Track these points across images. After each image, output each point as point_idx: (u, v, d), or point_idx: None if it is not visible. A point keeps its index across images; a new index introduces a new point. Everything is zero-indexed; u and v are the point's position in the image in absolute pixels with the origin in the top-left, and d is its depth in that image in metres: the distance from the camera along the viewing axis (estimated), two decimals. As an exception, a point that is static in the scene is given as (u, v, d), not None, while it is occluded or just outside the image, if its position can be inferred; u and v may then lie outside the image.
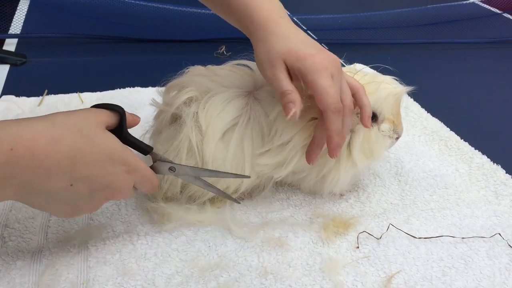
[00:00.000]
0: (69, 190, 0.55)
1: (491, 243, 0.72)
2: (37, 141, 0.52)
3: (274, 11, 0.71)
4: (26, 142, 0.51)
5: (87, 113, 0.58)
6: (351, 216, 0.76)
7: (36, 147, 0.51)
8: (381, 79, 0.76)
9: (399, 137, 0.77)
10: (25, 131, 0.52)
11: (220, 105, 0.73)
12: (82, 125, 0.56)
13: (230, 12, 0.75)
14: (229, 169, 0.72)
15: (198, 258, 0.67)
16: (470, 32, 1.68)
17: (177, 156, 0.72)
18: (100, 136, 0.57)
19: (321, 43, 1.51)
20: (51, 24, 1.49)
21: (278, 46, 0.67)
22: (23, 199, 0.55)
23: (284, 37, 0.68)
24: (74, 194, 0.56)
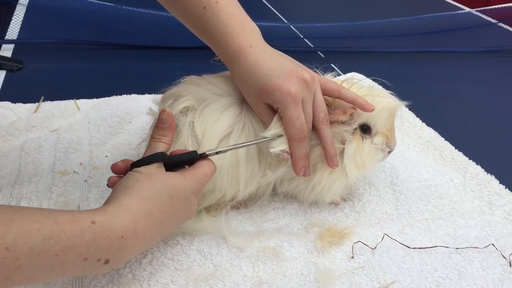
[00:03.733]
0: (160, 239, 0.63)
1: (484, 253, 0.72)
2: (138, 223, 0.57)
3: (244, 39, 0.74)
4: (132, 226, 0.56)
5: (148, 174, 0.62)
6: (346, 226, 0.77)
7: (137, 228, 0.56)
8: (376, 92, 0.76)
9: (391, 151, 0.78)
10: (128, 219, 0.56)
11: (215, 114, 0.74)
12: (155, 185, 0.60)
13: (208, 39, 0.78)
14: (224, 177, 0.73)
15: (193, 268, 0.67)
16: (465, 41, 1.69)
17: None
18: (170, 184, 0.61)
19: (317, 51, 1.52)
20: (47, 30, 1.49)
21: (252, 86, 0.72)
22: None
23: (254, 71, 0.71)
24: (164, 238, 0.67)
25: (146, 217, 0.58)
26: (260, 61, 0.72)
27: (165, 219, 0.60)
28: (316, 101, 0.72)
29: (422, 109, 1.13)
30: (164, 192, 0.60)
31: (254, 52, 0.73)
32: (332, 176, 0.74)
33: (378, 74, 1.27)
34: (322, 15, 1.94)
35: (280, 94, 0.69)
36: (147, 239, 0.58)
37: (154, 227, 0.59)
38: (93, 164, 0.88)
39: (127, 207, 0.57)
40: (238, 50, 0.73)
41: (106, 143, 0.95)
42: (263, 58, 0.72)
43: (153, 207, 0.59)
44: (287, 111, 0.70)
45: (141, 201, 0.58)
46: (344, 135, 0.74)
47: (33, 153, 0.89)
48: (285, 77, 0.70)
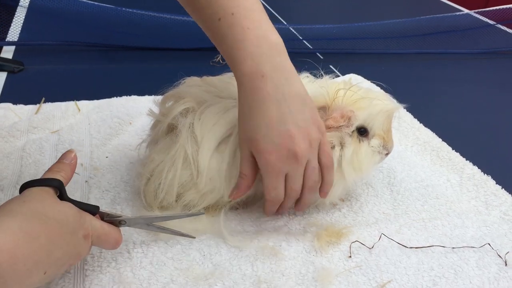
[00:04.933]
0: (45, 277, 0.54)
1: (480, 253, 0.73)
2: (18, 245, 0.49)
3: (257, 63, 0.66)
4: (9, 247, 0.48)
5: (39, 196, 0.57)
6: (344, 226, 0.77)
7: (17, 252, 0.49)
8: (374, 95, 0.77)
9: (388, 153, 0.79)
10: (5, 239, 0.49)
11: (215, 116, 0.74)
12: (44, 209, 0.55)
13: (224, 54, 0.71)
14: (222, 178, 0.74)
15: (193, 267, 0.68)
16: (463, 42, 1.70)
17: (173, 166, 0.73)
18: (61, 211, 0.56)
19: (316, 53, 1.53)
20: (48, 32, 1.49)
21: (246, 128, 0.68)
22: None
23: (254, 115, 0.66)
24: (49, 277, 0.55)
25: (30, 239, 0.50)
26: (264, 106, 0.66)
27: (52, 249, 0.53)
28: (307, 169, 0.70)
29: (420, 110, 1.13)
30: (53, 217, 0.54)
31: (263, 88, 0.66)
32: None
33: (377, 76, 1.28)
34: (321, 17, 1.94)
35: (264, 161, 0.67)
36: (29, 268, 0.49)
37: (39, 254, 0.51)
38: (94, 165, 0.89)
39: (7, 226, 0.49)
40: (246, 75, 0.66)
41: (107, 144, 0.95)
42: (270, 102, 0.65)
43: (39, 230, 0.52)
44: (266, 178, 0.69)
45: (25, 221, 0.51)
46: (341, 137, 0.75)
47: (35, 154, 0.90)
48: (277, 145, 0.66)
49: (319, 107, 0.75)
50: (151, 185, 0.76)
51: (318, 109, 0.75)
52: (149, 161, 0.77)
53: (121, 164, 0.89)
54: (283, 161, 0.67)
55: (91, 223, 0.60)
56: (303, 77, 0.83)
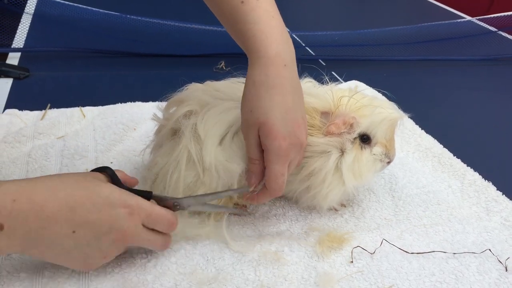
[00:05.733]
0: (73, 237, 0.58)
1: (481, 258, 0.74)
2: (36, 191, 0.55)
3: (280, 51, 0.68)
4: (27, 192, 0.55)
5: (86, 173, 0.63)
6: (346, 231, 0.78)
7: (36, 196, 0.55)
8: (378, 103, 0.77)
9: (390, 162, 0.79)
10: (25, 184, 0.56)
11: (217, 115, 0.76)
12: (81, 177, 0.61)
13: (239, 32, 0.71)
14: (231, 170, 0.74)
15: (196, 272, 0.68)
16: (465, 49, 1.71)
17: (177, 168, 0.74)
18: (97, 184, 0.60)
19: (318, 59, 1.55)
20: (53, 39, 1.51)
21: (262, 111, 0.67)
22: (31, 251, 0.58)
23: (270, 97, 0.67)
24: (79, 241, 0.58)
25: (49, 190, 0.56)
26: (282, 93, 0.67)
27: (76, 207, 0.57)
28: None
29: (422, 117, 1.14)
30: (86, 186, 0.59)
31: (285, 76, 0.67)
32: (329, 184, 0.75)
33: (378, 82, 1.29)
34: (323, 24, 1.96)
35: (278, 146, 0.66)
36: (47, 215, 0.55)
37: (58, 205, 0.56)
38: (99, 170, 0.90)
39: (29, 180, 0.56)
40: (272, 59, 0.67)
41: (111, 149, 0.97)
42: (287, 89, 0.67)
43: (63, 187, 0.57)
44: (276, 164, 0.68)
45: (49, 179, 0.58)
46: (342, 143, 0.75)
47: (40, 159, 0.91)
48: (289, 131, 0.67)
49: (322, 112, 0.76)
50: (156, 188, 0.77)
51: (321, 114, 0.76)
52: (153, 164, 0.79)
53: (125, 170, 0.88)
54: (292, 148, 0.68)
55: (140, 203, 0.62)
56: (306, 82, 0.84)
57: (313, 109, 0.76)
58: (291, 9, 2.17)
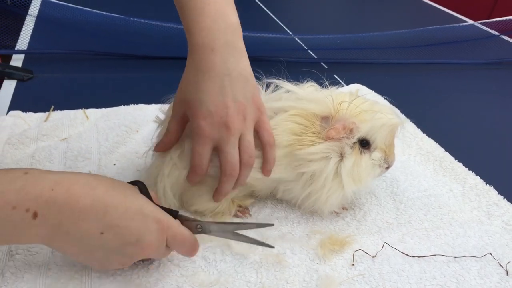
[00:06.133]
0: (100, 238, 0.57)
1: (482, 262, 0.74)
2: (75, 183, 0.56)
3: (210, 36, 0.69)
4: (66, 183, 0.56)
5: (119, 180, 0.63)
6: (347, 234, 0.79)
7: (73, 189, 0.56)
8: (378, 108, 0.78)
9: (389, 167, 0.79)
10: (66, 175, 0.57)
11: None
12: (117, 183, 0.61)
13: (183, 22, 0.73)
14: None
15: (198, 274, 0.69)
16: (467, 53, 1.71)
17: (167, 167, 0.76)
18: (133, 193, 0.61)
19: (320, 62, 1.55)
20: (57, 41, 1.51)
21: (186, 89, 0.70)
22: (56, 244, 0.58)
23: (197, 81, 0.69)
24: (105, 244, 0.58)
25: (87, 184, 0.57)
26: (207, 76, 0.69)
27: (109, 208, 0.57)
28: (242, 143, 0.71)
29: (423, 120, 1.15)
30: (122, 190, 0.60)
31: (211, 60, 0.69)
32: (329, 189, 0.76)
33: (381, 85, 1.30)
34: (325, 27, 1.96)
35: (196, 125, 0.69)
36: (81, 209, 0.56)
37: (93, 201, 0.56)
38: (102, 172, 0.90)
39: (70, 172, 0.57)
40: (198, 46, 0.69)
41: (114, 151, 0.97)
42: (214, 73, 0.69)
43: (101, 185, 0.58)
44: (194, 142, 0.70)
45: (90, 176, 0.59)
46: (342, 148, 0.75)
47: (44, 161, 0.91)
48: (211, 111, 0.68)
49: (322, 117, 0.76)
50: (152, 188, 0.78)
51: (321, 119, 0.76)
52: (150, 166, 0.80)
53: (128, 172, 0.91)
54: (213, 128, 0.69)
55: (169, 221, 0.62)
56: (308, 86, 0.84)
57: (313, 114, 0.76)
58: (293, 12, 2.18)
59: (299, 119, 0.76)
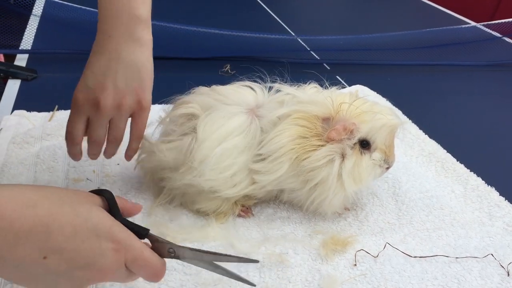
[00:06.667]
0: (43, 264, 0.48)
1: (483, 263, 0.75)
2: (10, 203, 0.47)
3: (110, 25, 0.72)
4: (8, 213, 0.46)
5: (79, 191, 0.55)
6: (350, 234, 0.79)
7: (7, 209, 0.46)
8: (378, 109, 0.78)
9: (389, 167, 0.80)
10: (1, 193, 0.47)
11: (221, 120, 0.77)
12: (69, 196, 0.52)
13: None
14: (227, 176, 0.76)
15: (201, 273, 0.69)
16: (469, 54, 1.72)
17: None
18: (87, 208, 0.52)
19: (323, 63, 1.56)
20: (61, 41, 1.52)
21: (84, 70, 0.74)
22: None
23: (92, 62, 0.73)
24: (49, 269, 0.49)
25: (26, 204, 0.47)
26: (97, 56, 0.72)
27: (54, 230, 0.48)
28: (111, 125, 0.74)
29: (425, 122, 1.15)
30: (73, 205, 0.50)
31: (105, 45, 0.72)
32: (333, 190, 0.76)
33: (383, 87, 1.30)
34: (328, 28, 1.97)
35: (73, 97, 0.73)
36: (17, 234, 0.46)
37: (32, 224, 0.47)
38: (105, 171, 0.91)
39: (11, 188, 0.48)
40: (100, 33, 0.73)
41: (118, 151, 0.97)
42: (104, 57, 0.71)
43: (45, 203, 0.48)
44: (70, 113, 0.74)
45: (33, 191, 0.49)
46: (343, 149, 0.76)
47: (48, 160, 0.92)
48: (88, 88, 0.71)
49: (323, 118, 0.77)
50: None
51: (322, 120, 0.77)
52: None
53: (131, 171, 0.91)
54: (85, 103, 0.71)
55: (130, 241, 0.53)
56: (311, 87, 0.85)
57: (314, 116, 0.77)
58: (296, 13, 2.18)
59: (302, 122, 0.76)
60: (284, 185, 0.78)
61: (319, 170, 0.75)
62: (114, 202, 0.57)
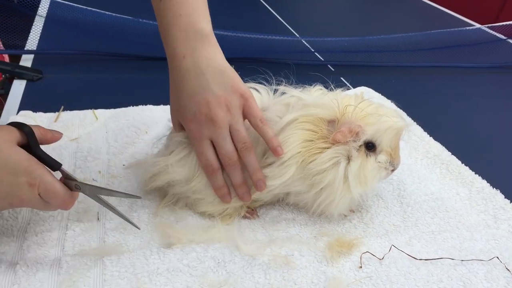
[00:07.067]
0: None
1: (489, 266, 0.75)
2: None
3: (181, 45, 0.74)
4: None
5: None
6: (355, 237, 0.79)
7: None
8: (384, 111, 0.78)
9: (394, 170, 0.80)
10: None
11: None
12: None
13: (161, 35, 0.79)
14: None
15: (207, 274, 0.70)
16: (474, 56, 1.72)
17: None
18: (6, 153, 0.62)
19: (327, 65, 1.56)
20: (66, 41, 1.52)
21: (173, 101, 0.77)
22: None
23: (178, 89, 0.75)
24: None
25: None
26: (184, 81, 0.74)
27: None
28: (232, 131, 0.75)
29: (430, 124, 1.15)
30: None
31: (184, 66, 0.74)
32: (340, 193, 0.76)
33: (387, 88, 1.30)
34: (332, 30, 1.97)
35: (187, 129, 0.76)
36: None
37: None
38: (111, 172, 0.91)
39: None
40: (172, 56, 0.75)
41: (124, 152, 0.98)
42: (190, 77, 0.74)
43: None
44: (193, 145, 0.76)
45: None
46: (349, 151, 0.76)
47: (54, 161, 0.92)
48: (195, 113, 0.73)
49: (329, 120, 0.77)
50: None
51: (328, 122, 0.77)
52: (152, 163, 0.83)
53: (138, 172, 0.92)
54: (201, 126, 0.74)
55: (43, 176, 0.63)
56: (316, 90, 0.85)
57: (320, 119, 0.77)
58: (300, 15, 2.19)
59: (308, 125, 0.77)
60: (291, 188, 0.79)
61: (326, 173, 0.75)
62: (32, 136, 0.66)
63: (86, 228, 0.77)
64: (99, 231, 0.77)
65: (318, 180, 0.76)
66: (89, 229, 0.77)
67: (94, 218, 0.79)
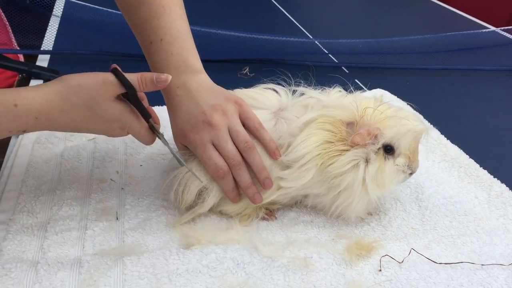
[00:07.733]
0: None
1: (510, 270, 0.74)
2: (52, 112, 0.70)
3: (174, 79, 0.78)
4: (45, 113, 0.69)
5: (99, 86, 0.72)
6: (374, 240, 0.79)
7: (51, 116, 0.70)
8: (403, 114, 0.78)
9: (412, 173, 0.80)
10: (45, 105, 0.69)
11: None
12: (90, 99, 0.71)
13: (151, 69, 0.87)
14: None
15: (227, 275, 0.70)
16: (489, 59, 1.70)
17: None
18: (102, 106, 0.72)
19: (341, 66, 1.55)
20: (82, 41, 1.53)
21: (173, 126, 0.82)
22: None
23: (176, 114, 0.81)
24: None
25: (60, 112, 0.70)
26: (180, 105, 0.80)
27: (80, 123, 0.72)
28: (232, 133, 0.77)
29: (447, 126, 1.14)
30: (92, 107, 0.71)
31: (179, 94, 0.80)
32: (358, 195, 0.76)
33: (402, 90, 1.30)
34: (346, 32, 1.96)
35: (188, 140, 0.78)
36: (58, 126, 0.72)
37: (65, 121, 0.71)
38: (129, 173, 0.92)
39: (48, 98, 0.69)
40: (167, 89, 0.80)
41: (140, 152, 0.98)
42: (184, 102, 0.79)
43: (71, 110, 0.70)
44: (197, 154, 0.78)
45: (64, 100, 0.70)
46: (367, 154, 0.76)
47: (72, 160, 0.93)
48: (193, 124, 0.77)
49: (347, 123, 0.77)
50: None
51: (346, 124, 0.77)
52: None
53: (155, 173, 0.92)
54: (201, 132, 0.77)
55: (132, 123, 0.75)
56: (335, 91, 0.85)
57: (339, 121, 0.77)
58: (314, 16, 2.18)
59: (327, 126, 0.77)
60: (310, 190, 0.79)
61: (344, 176, 0.75)
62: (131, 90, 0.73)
63: (105, 227, 0.78)
64: (118, 231, 0.77)
65: (336, 182, 0.76)
66: (108, 229, 0.77)
67: (113, 217, 0.80)
